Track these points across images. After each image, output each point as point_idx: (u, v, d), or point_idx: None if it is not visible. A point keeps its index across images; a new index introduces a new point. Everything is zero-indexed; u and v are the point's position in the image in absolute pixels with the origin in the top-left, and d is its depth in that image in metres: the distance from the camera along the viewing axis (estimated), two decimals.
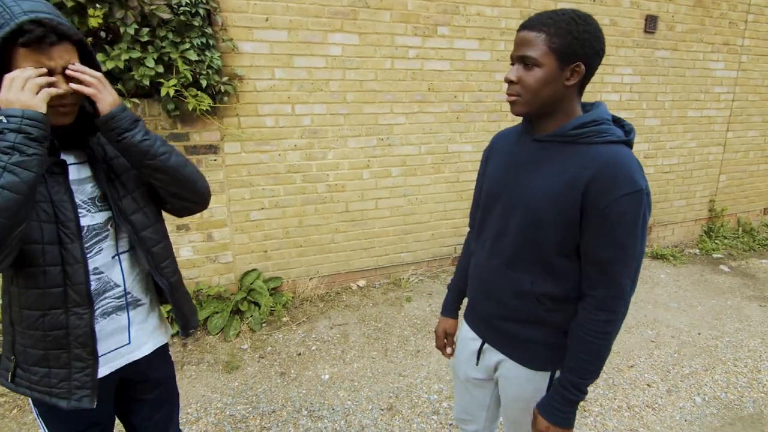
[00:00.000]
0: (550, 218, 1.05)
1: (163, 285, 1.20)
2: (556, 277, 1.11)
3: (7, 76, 0.88)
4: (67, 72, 0.95)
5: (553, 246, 1.08)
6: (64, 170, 1.03)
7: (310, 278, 3.54)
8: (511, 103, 1.08)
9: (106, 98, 0.98)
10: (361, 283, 3.73)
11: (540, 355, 1.19)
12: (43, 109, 0.89)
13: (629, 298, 1.06)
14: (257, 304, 3.20)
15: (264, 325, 3.14)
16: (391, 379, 2.60)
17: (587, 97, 4.21)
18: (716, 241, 4.90)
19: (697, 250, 4.75)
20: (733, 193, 5.20)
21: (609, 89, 4.16)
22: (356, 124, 3.38)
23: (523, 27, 1.03)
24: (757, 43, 4.74)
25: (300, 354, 2.85)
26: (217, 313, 3.07)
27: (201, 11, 2.68)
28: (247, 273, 3.31)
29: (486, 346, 1.31)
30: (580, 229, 1.04)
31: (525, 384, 1.22)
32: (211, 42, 2.76)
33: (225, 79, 2.86)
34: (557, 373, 1.20)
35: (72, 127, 1.03)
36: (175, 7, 2.60)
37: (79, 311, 1.04)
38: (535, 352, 1.19)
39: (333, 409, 2.36)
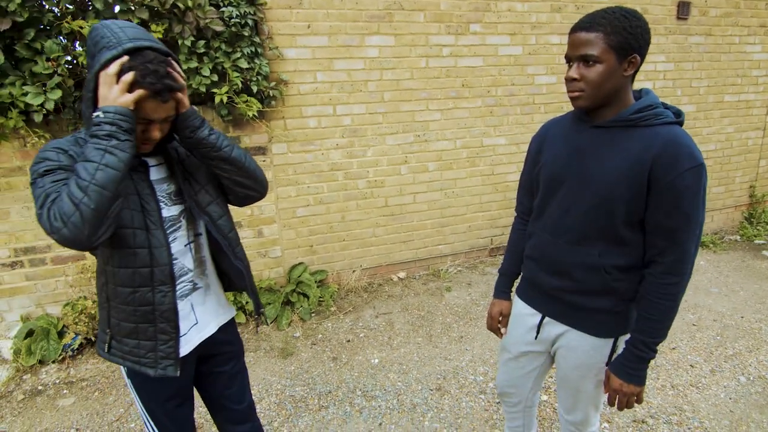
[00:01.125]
0: (620, 194, 1.17)
1: (242, 267, 1.35)
2: (622, 248, 1.23)
3: (105, 74, 1.02)
4: (154, 131, 1.12)
5: (621, 220, 1.19)
6: (147, 169, 1.21)
7: (353, 270, 3.71)
8: (574, 98, 1.20)
9: (186, 101, 1.16)
10: (402, 274, 3.88)
11: (606, 323, 1.30)
12: (131, 106, 1.03)
13: (693, 261, 1.17)
14: (306, 296, 3.38)
15: (313, 314, 3.33)
16: (438, 363, 2.74)
17: None
18: (758, 227, 4.82)
19: (738, 237, 4.70)
20: None
21: (642, 77, 4.17)
22: (394, 122, 3.52)
23: (579, 28, 1.15)
24: None
25: (349, 341, 3.01)
26: (269, 304, 3.27)
27: (250, 22, 2.88)
28: (294, 266, 3.51)
29: (546, 319, 1.42)
30: (647, 203, 1.16)
31: (590, 352, 1.33)
32: (259, 50, 2.96)
33: (272, 84, 3.06)
34: (619, 340, 1.31)
35: None
36: (227, 19, 2.80)
37: (164, 289, 1.19)
38: (601, 321, 1.30)
39: (385, 390, 2.51)
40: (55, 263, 2.97)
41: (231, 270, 1.37)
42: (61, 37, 2.62)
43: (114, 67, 1.01)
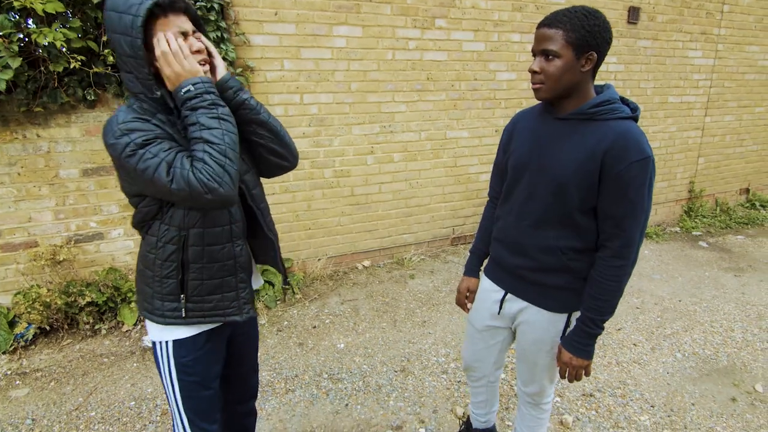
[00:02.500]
0: (575, 182, 1.27)
1: (273, 237, 1.42)
2: (577, 232, 1.34)
3: (165, 52, 1.06)
4: (196, 40, 1.15)
5: (576, 206, 1.30)
6: None
7: (319, 259, 3.74)
8: (536, 90, 1.29)
9: (222, 63, 1.24)
10: (366, 263, 3.94)
11: (561, 299, 1.41)
12: (202, 72, 1.12)
13: (639, 246, 1.29)
14: (271, 284, 3.39)
15: (279, 302, 3.34)
16: (402, 346, 2.83)
17: None
18: (696, 220, 5.21)
19: (678, 229, 5.06)
20: (711, 175, 5.52)
21: (597, 77, 4.39)
22: (360, 112, 3.57)
23: (543, 25, 1.24)
24: (733, 33, 5.03)
25: (315, 327, 3.06)
26: None
27: (216, 6, 2.84)
28: None
29: (508, 296, 1.53)
30: (598, 191, 1.26)
31: (546, 326, 1.45)
32: (225, 36, 2.92)
33: (238, 70, 3.03)
34: (572, 316, 1.43)
35: None
36: (192, 2, 2.75)
37: (240, 243, 1.28)
38: (556, 297, 1.42)
39: (351, 372, 2.58)
40: (5, 251, 2.84)
41: (259, 241, 1.41)
42: (13, 14, 2.50)
43: (164, 44, 1.07)
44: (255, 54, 3.15)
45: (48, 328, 2.86)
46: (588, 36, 1.20)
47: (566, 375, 1.40)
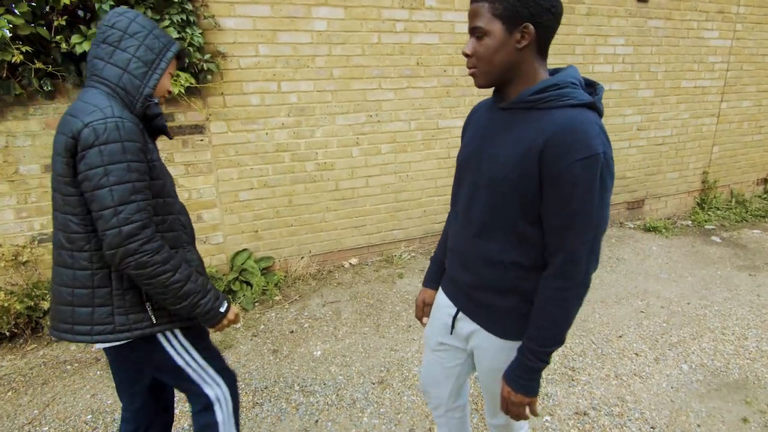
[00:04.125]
0: (513, 185, 1.03)
1: None
2: (523, 245, 1.10)
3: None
4: None
5: (518, 213, 1.06)
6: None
7: (302, 257, 3.54)
8: (472, 76, 1.07)
9: None
10: (354, 261, 3.74)
11: (510, 324, 1.18)
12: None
13: (588, 268, 1.02)
14: (249, 284, 3.21)
15: (256, 304, 3.16)
16: (383, 354, 2.63)
17: (581, 68, 4.09)
18: (709, 213, 4.91)
19: (690, 222, 4.77)
20: (726, 165, 5.19)
21: (601, 60, 4.10)
22: (344, 100, 3.33)
23: None
24: (753, 11, 4.66)
25: (292, 332, 2.87)
26: None
27: None
28: (238, 253, 3.31)
29: (460, 314, 1.30)
30: (540, 196, 1.02)
31: (498, 354, 1.22)
32: (191, 18, 2.70)
33: (207, 56, 2.81)
34: None
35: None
36: None
37: (190, 248, 1.36)
38: (505, 322, 1.18)
39: (325, 384, 2.39)
40: None
41: None
42: None
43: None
44: (227, 38, 2.92)
45: (8, 333, 2.71)
46: (517, 5, 0.96)
47: (507, 411, 1.17)
